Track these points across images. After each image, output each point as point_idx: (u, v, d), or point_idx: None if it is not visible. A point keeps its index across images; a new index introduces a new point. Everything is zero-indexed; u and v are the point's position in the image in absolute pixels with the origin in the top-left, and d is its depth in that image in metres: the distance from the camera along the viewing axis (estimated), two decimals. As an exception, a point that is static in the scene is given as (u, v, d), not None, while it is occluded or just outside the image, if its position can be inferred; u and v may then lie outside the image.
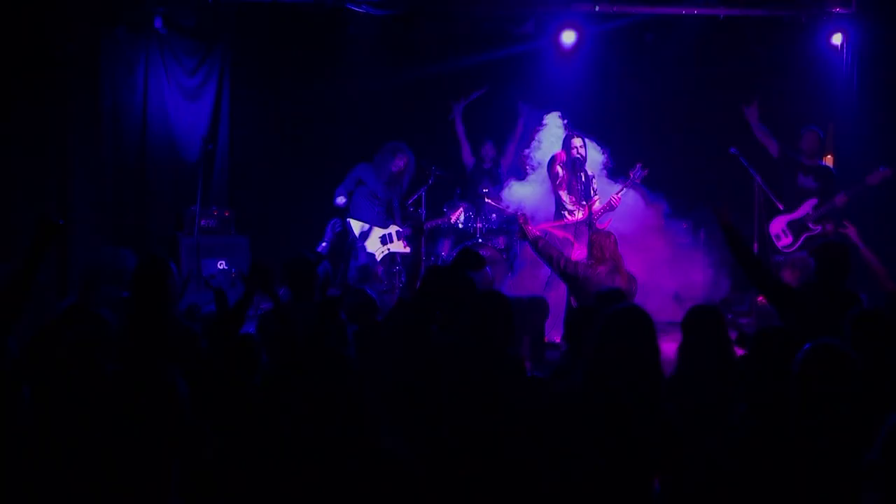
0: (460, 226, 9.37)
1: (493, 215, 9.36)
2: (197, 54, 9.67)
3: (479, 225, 9.32)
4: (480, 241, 9.16)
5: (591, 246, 6.69)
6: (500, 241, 9.34)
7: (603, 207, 8.28)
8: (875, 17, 9.23)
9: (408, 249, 9.35)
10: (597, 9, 9.31)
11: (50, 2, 8.33)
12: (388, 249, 9.24)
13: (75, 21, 8.57)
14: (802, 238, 8.48)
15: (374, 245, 9.29)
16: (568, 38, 9.49)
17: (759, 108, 8.87)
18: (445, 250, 9.50)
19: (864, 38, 9.35)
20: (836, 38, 9.45)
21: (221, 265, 8.08)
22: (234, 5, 9.23)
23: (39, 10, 8.24)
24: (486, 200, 9.28)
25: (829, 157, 9.17)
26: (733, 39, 9.68)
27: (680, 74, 9.91)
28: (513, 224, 9.19)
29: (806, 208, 8.50)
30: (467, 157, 9.90)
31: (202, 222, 8.98)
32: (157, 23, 9.06)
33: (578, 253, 7.79)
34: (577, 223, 8.19)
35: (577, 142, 8.39)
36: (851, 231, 6.27)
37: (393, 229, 9.29)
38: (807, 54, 9.72)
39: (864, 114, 9.31)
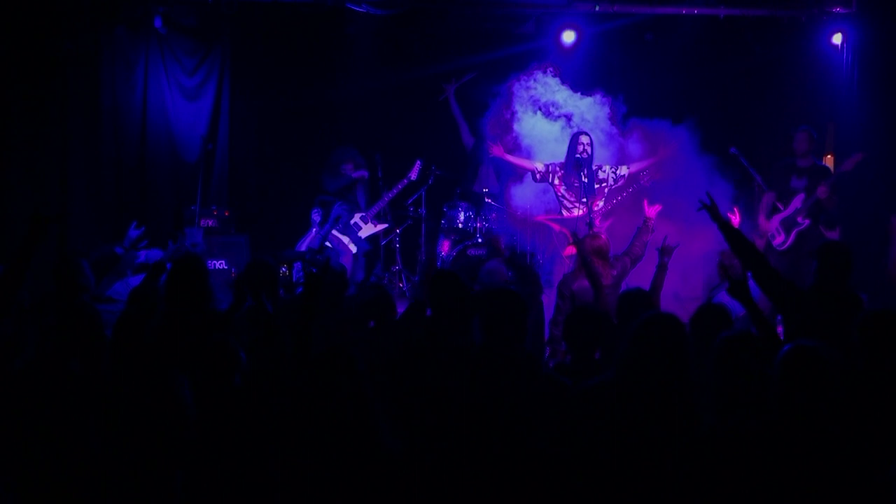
0: (456, 219, 9.33)
1: (493, 215, 9.34)
2: (197, 54, 9.66)
3: (479, 225, 9.30)
4: (480, 240, 9.16)
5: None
6: (500, 241, 9.32)
7: (604, 208, 8.26)
8: (875, 17, 9.23)
9: (379, 228, 9.36)
10: (597, 9, 9.30)
11: (50, 1, 8.32)
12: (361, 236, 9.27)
13: (75, 21, 8.56)
14: (794, 233, 8.46)
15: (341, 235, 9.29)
16: (568, 37, 9.48)
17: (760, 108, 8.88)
18: (445, 250, 9.49)
19: (864, 38, 9.36)
20: (836, 38, 9.45)
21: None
22: (234, 5, 9.20)
23: (39, 9, 8.23)
24: (487, 200, 9.27)
25: (829, 156, 9.17)
26: (733, 39, 9.69)
27: (680, 74, 9.90)
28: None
29: (795, 204, 8.52)
30: (466, 136, 9.90)
31: (202, 222, 8.98)
32: (157, 22, 9.05)
33: (571, 249, 7.82)
34: (577, 219, 8.18)
35: (584, 139, 8.28)
36: None
37: (357, 216, 9.27)
38: (807, 54, 9.72)
39: (864, 114, 9.31)
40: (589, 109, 8.60)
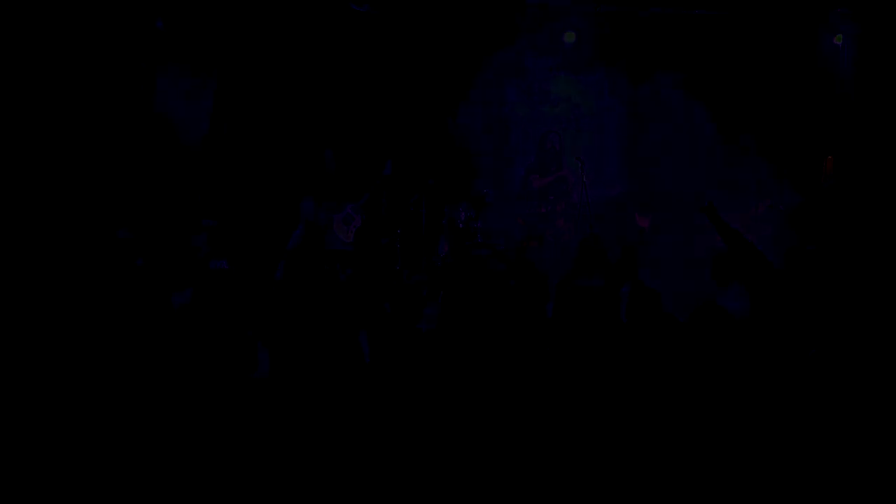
0: (456, 219, 9.37)
1: (494, 215, 9.35)
2: (197, 53, 9.66)
3: (479, 225, 9.31)
4: (480, 240, 9.15)
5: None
6: (501, 242, 9.33)
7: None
8: (875, 17, 9.24)
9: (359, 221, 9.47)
10: (598, 9, 9.31)
11: (53, 3, 8.33)
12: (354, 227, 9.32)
13: (75, 20, 8.57)
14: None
15: (340, 229, 9.33)
16: (569, 38, 9.49)
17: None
18: (445, 250, 9.49)
19: (864, 38, 9.36)
20: (837, 39, 9.46)
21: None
22: (234, 5, 9.22)
23: (39, 9, 8.23)
24: (488, 201, 9.28)
25: (829, 156, 9.18)
26: (734, 39, 9.69)
27: (680, 74, 9.90)
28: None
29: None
30: (465, 140, 9.93)
31: (202, 221, 8.98)
32: (158, 22, 9.06)
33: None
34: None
35: (552, 137, 8.82)
36: None
37: (349, 207, 9.30)
38: (807, 54, 9.72)
39: (864, 114, 9.31)
40: (586, 91, 8.71)
